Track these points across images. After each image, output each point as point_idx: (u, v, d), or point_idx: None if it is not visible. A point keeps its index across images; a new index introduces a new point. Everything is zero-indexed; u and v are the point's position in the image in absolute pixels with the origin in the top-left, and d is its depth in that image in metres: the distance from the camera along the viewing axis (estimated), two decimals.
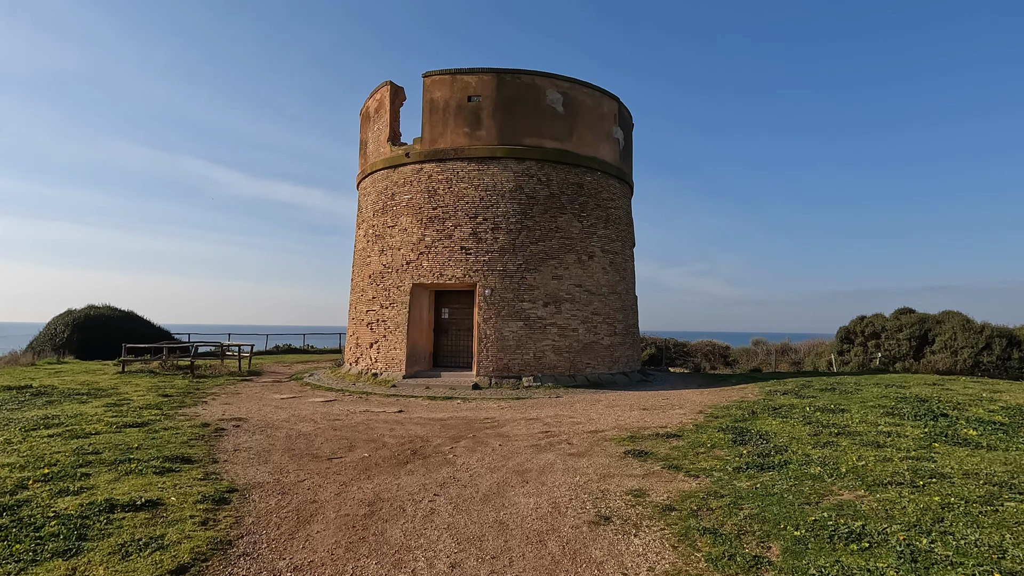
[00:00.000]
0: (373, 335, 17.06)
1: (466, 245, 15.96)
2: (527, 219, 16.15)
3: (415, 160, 16.81)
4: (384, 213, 17.41)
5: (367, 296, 17.60)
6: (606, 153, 17.90)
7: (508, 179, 16.21)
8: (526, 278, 15.92)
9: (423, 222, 16.42)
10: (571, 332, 16.19)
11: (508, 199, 16.13)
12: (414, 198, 16.70)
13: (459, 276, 15.90)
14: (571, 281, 16.42)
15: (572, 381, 15.79)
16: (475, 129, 16.38)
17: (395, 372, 16.18)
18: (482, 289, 15.76)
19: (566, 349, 16.05)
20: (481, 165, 16.26)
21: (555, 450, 7.91)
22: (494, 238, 15.94)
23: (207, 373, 17.50)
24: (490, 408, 12.02)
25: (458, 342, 17.14)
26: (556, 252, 16.31)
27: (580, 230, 16.81)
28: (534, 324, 15.80)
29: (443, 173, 16.46)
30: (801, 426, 8.89)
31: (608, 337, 17.06)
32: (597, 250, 17.15)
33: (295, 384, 16.14)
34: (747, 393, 13.78)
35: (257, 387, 15.14)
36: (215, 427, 9.19)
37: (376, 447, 8.11)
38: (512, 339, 15.63)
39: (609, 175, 18.01)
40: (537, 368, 15.69)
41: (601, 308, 16.97)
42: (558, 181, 16.67)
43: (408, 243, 16.57)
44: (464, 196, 16.18)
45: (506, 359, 15.57)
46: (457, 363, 17.12)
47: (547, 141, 16.63)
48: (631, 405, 12.28)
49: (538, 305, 15.90)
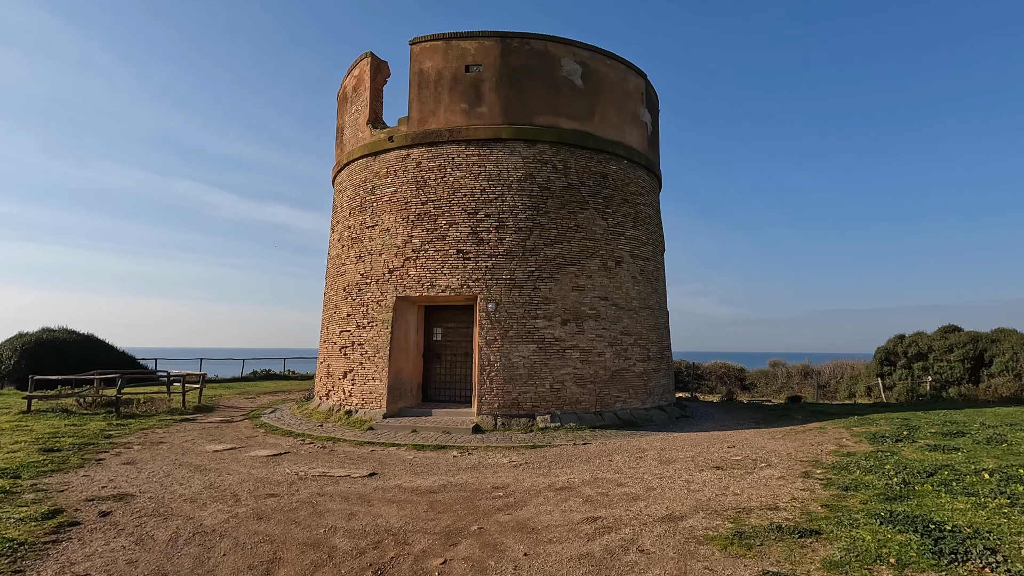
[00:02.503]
0: (347, 362, 13.66)
1: (464, 248, 12.69)
2: (540, 215, 12.91)
3: (401, 144, 13.60)
4: (362, 211, 14.13)
5: (340, 313, 14.24)
6: (633, 138, 14.76)
7: (516, 166, 13.00)
8: (539, 289, 12.62)
9: (410, 220, 13.16)
10: (596, 357, 12.84)
11: (516, 191, 12.91)
12: (399, 191, 13.46)
13: (455, 287, 12.60)
14: (595, 293, 13.12)
15: (599, 420, 12.39)
16: (475, 105, 13.22)
17: (373, 410, 12.76)
18: (484, 303, 12.45)
19: (591, 379, 12.69)
20: (482, 149, 13.07)
21: (620, 566, 4.53)
22: (499, 239, 12.67)
23: (139, 411, 13.99)
24: (499, 467, 8.62)
25: (453, 370, 13.76)
26: (576, 257, 13.04)
27: (605, 230, 13.57)
28: (550, 347, 12.46)
29: (435, 159, 13.25)
30: (1019, 514, 5.50)
31: (641, 363, 13.71)
32: (625, 255, 13.89)
33: (247, 425, 12.68)
34: (838, 438, 10.42)
35: (194, 432, 11.68)
36: (69, 518, 5.77)
37: (315, 563, 4.72)
38: (523, 367, 12.27)
39: (637, 164, 14.84)
40: (555, 404, 12.30)
41: (632, 326, 13.64)
42: (577, 169, 13.47)
43: (391, 247, 13.28)
44: (461, 187, 12.95)
45: (515, 392, 12.18)
46: (452, 397, 13.71)
47: (563, 120, 13.48)
48: (693, 459, 8.89)
49: (555, 323, 12.58)
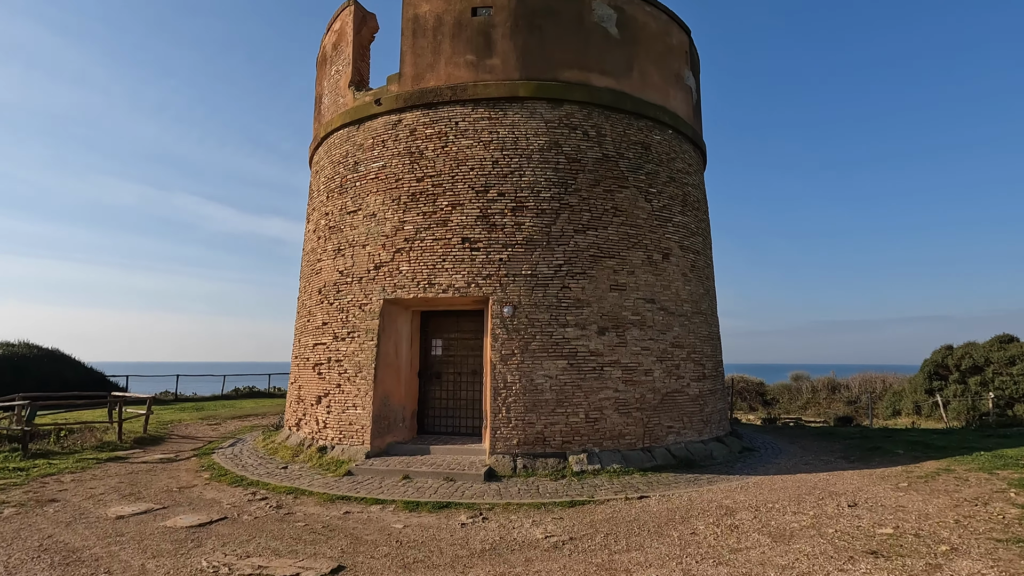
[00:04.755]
0: (321, 384, 10.70)
1: (471, 236, 9.82)
2: (568, 193, 10.06)
3: (390, 108, 10.76)
4: (342, 193, 11.25)
5: (315, 322, 11.29)
6: (678, 104, 11.96)
7: (537, 131, 10.18)
8: (569, 288, 9.74)
9: (402, 202, 10.29)
10: (643, 376, 9.93)
11: (538, 162, 10.07)
12: (388, 165, 10.60)
13: (460, 286, 9.71)
14: (639, 293, 10.24)
15: (649, 458, 9.46)
16: (484, 57, 10.42)
17: (354, 446, 9.79)
18: (498, 306, 9.56)
19: (636, 404, 9.77)
20: (494, 111, 10.25)
21: None
22: (516, 224, 9.81)
23: (56, 448, 10.95)
24: (532, 547, 5.66)
25: (457, 393, 10.83)
26: (615, 247, 10.18)
27: (649, 214, 10.72)
28: (585, 364, 9.55)
29: (434, 125, 10.41)
30: None
31: (696, 382, 10.80)
32: (674, 246, 11.03)
33: (191, 467, 9.70)
34: (995, 489, 7.52)
35: (113, 479, 8.70)
36: None
37: None
38: (549, 389, 9.36)
39: (683, 136, 12.04)
40: (591, 438, 9.36)
41: (684, 337, 10.75)
42: (613, 138, 10.64)
43: (378, 236, 10.40)
44: (467, 159, 10.11)
45: (540, 424, 9.26)
46: (455, 428, 10.76)
47: (595, 77, 10.68)
48: (818, 531, 5.96)
49: (589, 332, 9.68)
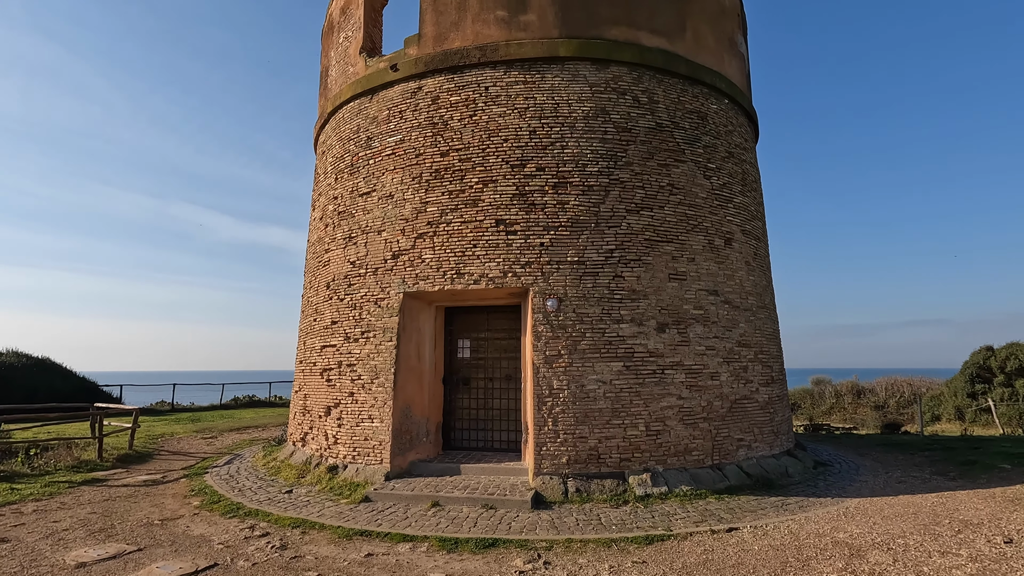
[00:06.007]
0: (332, 392, 9.23)
1: (506, 217, 8.39)
2: (619, 167, 8.63)
3: (409, 74, 9.36)
4: (353, 173, 9.83)
5: (322, 321, 9.84)
6: (733, 72, 10.55)
7: (581, 97, 8.76)
8: (623, 277, 8.29)
9: (424, 180, 8.87)
10: (709, 380, 8.47)
11: (583, 132, 8.65)
12: (407, 139, 9.18)
13: (494, 275, 8.27)
14: (701, 284, 8.79)
15: (720, 478, 7.97)
16: (517, 12, 9.02)
17: (371, 465, 8.32)
18: (541, 299, 8.11)
19: (702, 414, 8.29)
20: (530, 74, 8.84)
21: None
22: (559, 203, 8.38)
23: (24, 468, 9.46)
24: None
25: (489, 402, 9.36)
26: (673, 230, 8.74)
27: (708, 193, 9.29)
28: (643, 366, 8.09)
29: (460, 91, 9.00)
30: None
31: (765, 387, 9.33)
32: (736, 230, 9.59)
33: (179, 491, 8.23)
34: None
35: (83, 510, 7.23)
36: None
37: None
38: (603, 397, 7.89)
39: (739, 108, 10.63)
40: (654, 454, 7.88)
41: (750, 334, 9.29)
42: (667, 105, 9.23)
43: (396, 220, 8.96)
44: (500, 129, 8.69)
45: (593, 438, 7.78)
46: (488, 442, 9.29)
47: (645, 36, 9.27)
48: None
49: (647, 329, 8.22)
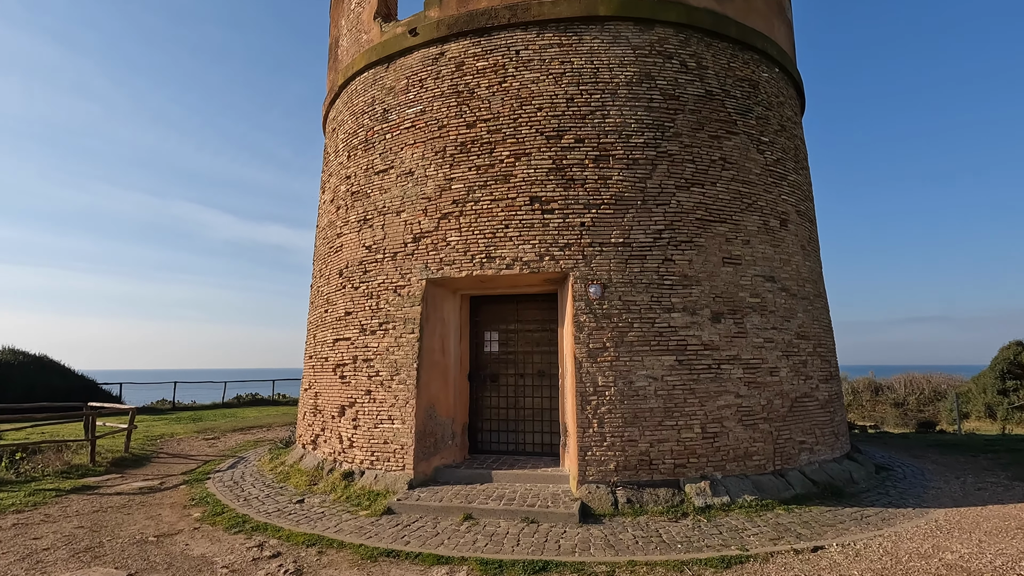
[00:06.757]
0: (346, 390, 8.35)
1: (542, 194, 7.49)
2: (666, 139, 7.73)
3: (430, 38, 8.46)
4: (368, 149, 8.93)
5: (335, 312, 8.95)
6: (782, 38, 9.64)
7: (623, 60, 7.86)
8: (673, 260, 7.39)
9: (447, 154, 7.97)
10: (768, 376, 7.57)
11: (626, 99, 7.74)
12: (428, 110, 8.28)
13: (529, 259, 7.37)
14: (756, 269, 7.89)
15: (784, 486, 7.08)
16: None
17: (392, 471, 7.44)
18: (582, 285, 7.21)
19: (762, 413, 7.39)
20: (566, 35, 7.94)
21: None
22: (601, 178, 7.48)
23: (9, 474, 8.60)
24: None
25: (519, 400, 8.48)
26: (726, 209, 7.83)
27: (763, 169, 8.38)
28: (697, 360, 7.19)
29: (487, 56, 8.10)
30: None
31: (824, 384, 8.43)
32: (791, 210, 8.69)
33: (179, 499, 7.36)
34: None
35: (70, 523, 6.36)
36: None
37: None
38: (655, 395, 7.00)
39: (789, 78, 9.72)
40: (711, 459, 6.99)
41: (808, 325, 8.39)
42: (717, 72, 8.32)
43: (416, 199, 8.07)
44: (533, 97, 7.79)
45: (644, 441, 6.89)
46: (519, 445, 8.40)
47: None
48: None
49: (701, 318, 7.33)
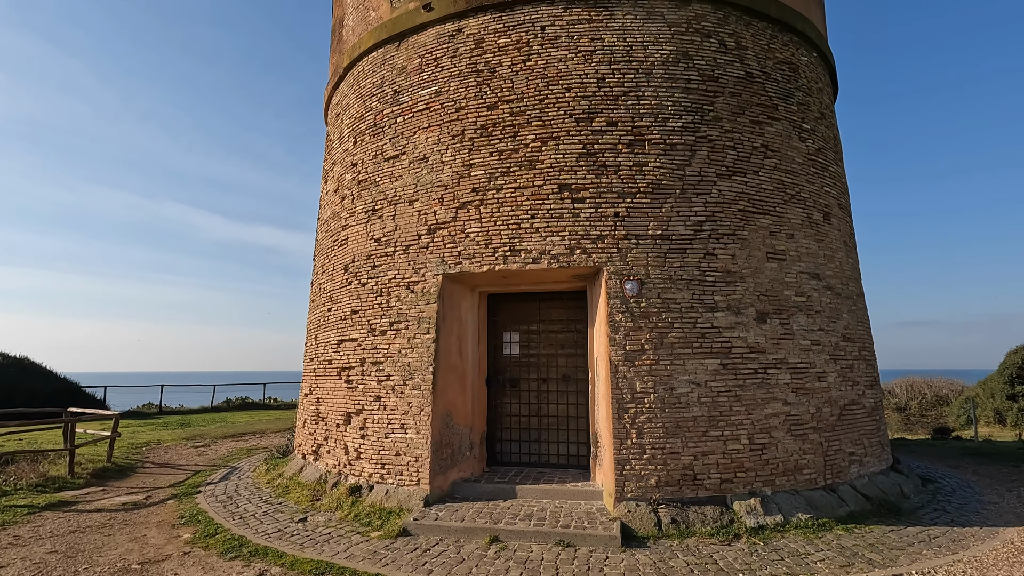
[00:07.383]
0: (352, 396, 7.63)
1: (572, 181, 6.83)
2: (706, 123, 7.10)
3: (446, 13, 7.79)
4: (376, 134, 8.24)
5: (340, 311, 8.23)
6: (819, 21, 9.08)
7: (659, 37, 7.23)
8: (715, 255, 6.76)
9: (466, 138, 7.29)
10: (816, 381, 6.94)
11: (662, 80, 7.11)
12: (444, 90, 7.60)
13: (558, 252, 6.70)
14: (801, 265, 7.27)
15: (837, 502, 6.45)
16: None
17: (404, 486, 6.73)
18: (616, 281, 6.56)
19: (811, 422, 6.76)
20: (596, 10, 7.29)
21: None
22: (636, 164, 6.84)
23: None
24: None
25: (543, 407, 7.79)
26: (770, 200, 7.21)
27: (805, 158, 7.78)
28: (743, 364, 6.55)
29: (510, 32, 7.44)
30: None
31: (870, 390, 7.81)
32: (833, 203, 8.09)
33: (165, 517, 6.60)
34: None
35: (37, 549, 5.59)
36: None
37: None
38: (698, 402, 6.35)
39: (826, 64, 9.15)
40: (760, 472, 6.35)
41: (854, 326, 7.78)
42: (757, 52, 7.71)
43: (432, 186, 7.39)
44: (561, 76, 7.14)
45: (688, 454, 6.23)
46: (542, 456, 7.70)
47: None
48: None
49: (746, 318, 6.69)
